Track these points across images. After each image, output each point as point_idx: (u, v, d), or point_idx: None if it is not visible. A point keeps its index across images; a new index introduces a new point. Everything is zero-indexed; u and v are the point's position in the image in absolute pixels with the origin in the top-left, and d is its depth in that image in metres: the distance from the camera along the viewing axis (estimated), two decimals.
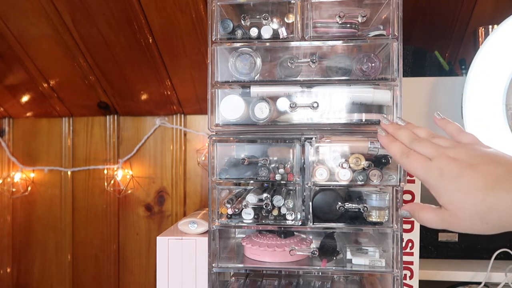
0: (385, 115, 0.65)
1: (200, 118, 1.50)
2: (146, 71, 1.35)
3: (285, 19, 0.68)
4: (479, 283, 0.95)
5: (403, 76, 0.66)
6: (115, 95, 1.46)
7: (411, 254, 0.84)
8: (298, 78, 0.68)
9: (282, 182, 0.68)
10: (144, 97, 1.46)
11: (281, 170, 0.68)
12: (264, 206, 0.68)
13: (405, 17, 0.65)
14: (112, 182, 1.53)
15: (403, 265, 0.77)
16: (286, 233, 0.75)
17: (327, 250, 0.73)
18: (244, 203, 0.69)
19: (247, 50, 0.67)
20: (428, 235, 1.05)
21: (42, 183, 1.59)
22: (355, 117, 0.68)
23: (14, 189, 1.59)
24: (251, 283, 0.77)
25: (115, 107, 1.51)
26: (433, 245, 1.06)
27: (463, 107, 0.90)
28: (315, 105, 0.67)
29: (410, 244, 0.84)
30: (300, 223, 0.68)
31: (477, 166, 0.47)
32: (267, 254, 0.72)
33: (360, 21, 0.68)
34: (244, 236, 0.79)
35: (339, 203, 0.68)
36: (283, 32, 0.67)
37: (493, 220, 0.45)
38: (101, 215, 1.55)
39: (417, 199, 0.84)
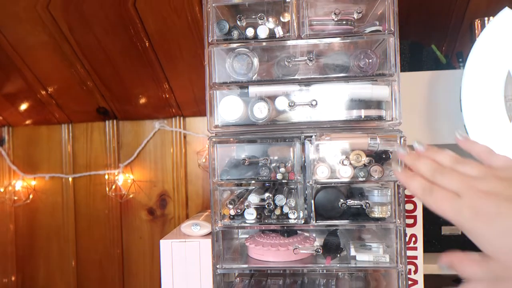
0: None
1: (199, 120, 1.50)
2: (144, 75, 1.35)
3: (281, 18, 0.68)
4: None
5: (401, 71, 0.66)
6: (114, 100, 1.46)
7: (415, 248, 0.84)
8: (296, 77, 0.68)
9: (283, 181, 0.68)
10: (142, 101, 1.46)
11: (282, 169, 0.68)
12: (266, 206, 0.68)
13: (400, 11, 0.65)
14: (113, 187, 1.53)
15: (407, 260, 0.77)
16: (289, 232, 0.75)
17: (331, 248, 0.73)
18: (246, 203, 0.69)
19: (244, 51, 0.67)
20: (432, 229, 1.05)
21: (44, 190, 1.59)
22: (354, 113, 0.68)
23: (15, 198, 1.59)
24: (256, 283, 0.77)
25: (114, 112, 1.51)
26: (437, 239, 1.06)
27: (462, 100, 0.90)
28: (313, 103, 0.67)
29: (413, 239, 0.84)
30: (302, 222, 0.68)
31: None
32: (270, 253, 0.72)
33: (356, 18, 0.68)
34: (247, 236, 0.79)
35: (341, 200, 0.68)
36: (279, 31, 0.67)
37: None
38: (104, 220, 1.55)
39: None
